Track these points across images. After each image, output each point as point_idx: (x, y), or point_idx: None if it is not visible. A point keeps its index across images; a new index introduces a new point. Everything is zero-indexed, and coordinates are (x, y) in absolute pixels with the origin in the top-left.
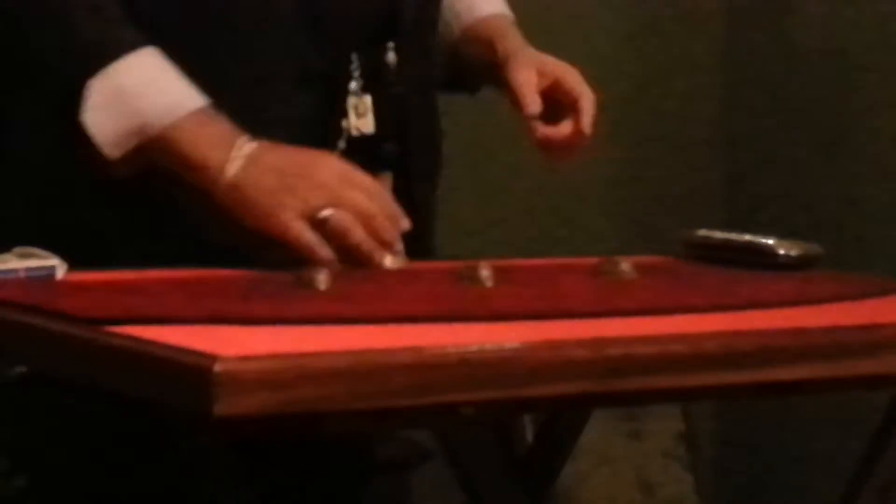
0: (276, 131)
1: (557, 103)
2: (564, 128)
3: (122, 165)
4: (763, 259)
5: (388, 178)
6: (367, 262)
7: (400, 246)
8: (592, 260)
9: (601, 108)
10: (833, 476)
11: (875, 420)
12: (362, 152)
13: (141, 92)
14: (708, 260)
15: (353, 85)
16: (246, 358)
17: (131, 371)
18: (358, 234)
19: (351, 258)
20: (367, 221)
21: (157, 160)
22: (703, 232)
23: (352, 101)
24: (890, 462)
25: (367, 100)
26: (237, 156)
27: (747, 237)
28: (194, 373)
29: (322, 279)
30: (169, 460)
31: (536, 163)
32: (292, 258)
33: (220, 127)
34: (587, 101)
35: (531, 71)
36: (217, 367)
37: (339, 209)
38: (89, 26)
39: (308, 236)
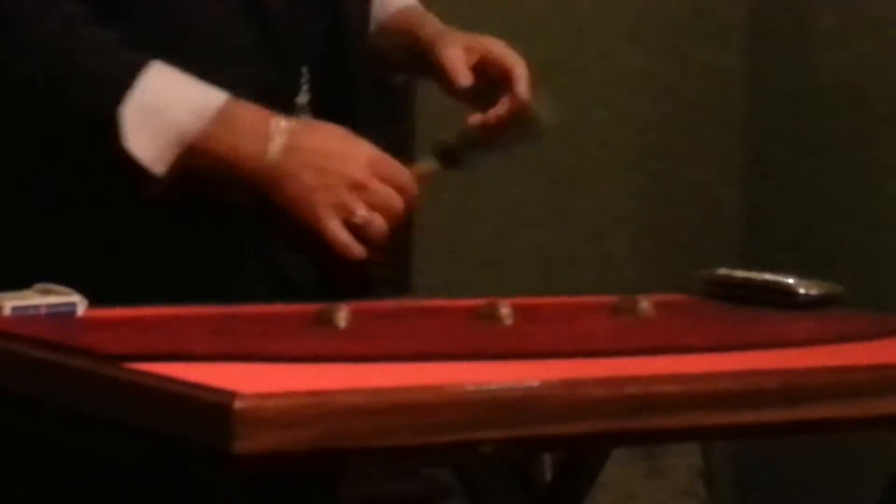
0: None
1: (489, 79)
2: (501, 106)
3: (166, 181)
4: (783, 298)
5: (421, 167)
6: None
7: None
8: (611, 298)
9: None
10: None
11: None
12: None
13: (167, 105)
14: (728, 299)
15: (301, 98)
16: (266, 395)
17: (151, 408)
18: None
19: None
20: (392, 219)
21: (199, 165)
22: (723, 271)
23: (300, 116)
24: None
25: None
26: (274, 142)
27: (767, 276)
28: (214, 410)
29: (341, 317)
30: (187, 498)
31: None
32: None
33: (252, 114)
34: (519, 67)
35: (458, 48)
36: (237, 405)
37: (374, 212)
38: (98, 60)
39: (342, 235)
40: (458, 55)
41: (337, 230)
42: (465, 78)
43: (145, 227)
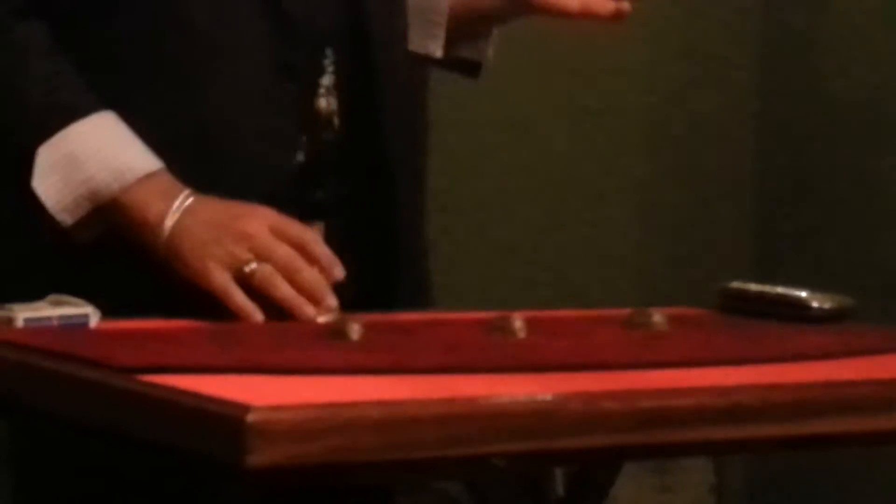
0: (255, 119)
1: None
2: None
3: (79, 230)
4: (796, 312)
5: (320, 227)
6: (294, 316)
7: (332, 300)
8: (625, 311)
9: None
10: None
11: None
12: (327, 162)
13: (92, 157)
14: (741, 312)
15: (326, 80)
16: (279, 408)
17: (164, 420)
18: (282, 289)
19: (279, 311)
20: (291, 275)
21: (109, 222)
22: (736, 284)
23: (322, 98)
24: None
25: (334, 101)
26: (176, 209)
27: (780, 290)
28: (227, 423)
29: (354, 329)
30: None
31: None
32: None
33: (166, 185)
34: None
35: None
36: (250, 418)
37: (264, 262)
38: (43, 92)
39: (232, 290)
40: None
41: (227, 284)
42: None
43: None
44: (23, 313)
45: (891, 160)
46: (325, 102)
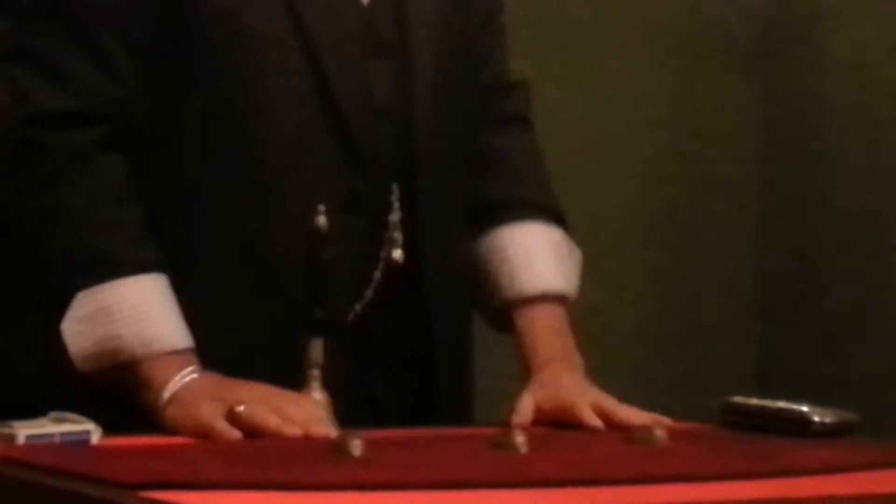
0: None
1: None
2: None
3: (93, 375)
4: (798, 427)
5: (323, 398)
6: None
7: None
8: (626, 428)
9: None
10: None
11: None
12: (399, 286)
13: (126, 318)
14: (743, 427)
15: (394, 216)
16: None
17: None
18: (270, 420)
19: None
20: (272, 419)
21: (117, 373)
22: (737, 399)
23: (391, 231)
24: None
25: (400, 233)
26: (179, 379)
27: (781, 404)
28: None
29: (356, 445)
30: None
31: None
32: None
33: (183, 362)
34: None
35: (532, 400)
36: None
37: (253, 408)
38: (98, 238)
39: (220, 423)
40: (528, 408)
41: (216, 419)
42: (519, 422)
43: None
44: (24, 430)
45: (892, 282)
46: (393, 235)
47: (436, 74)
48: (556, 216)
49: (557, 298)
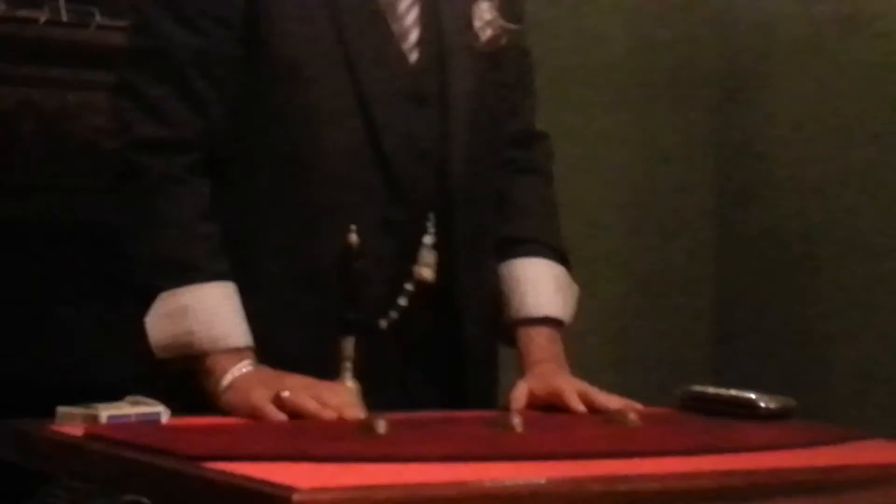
0: (365, 273)
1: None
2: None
3: (168, 361)
4: (747, 411)
5: (352, 387)
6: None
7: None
8: (604, 411)
9: None
10: None
11: None
12: (429, 300)
13: (199, 316)
14: (701, 411)
15: (427, 239)
16: (319, 490)
17: (224, 500)
18: (310, 404)
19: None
20: (313, 403)
21: (187, 361)
22: (696, 387)
23: (423, 252)
24: None
25: (434, 254)
26: (236, 371)
27: (733, 392)
28: (277, 503)
29: (381, 425)
30: None
31: None
32: None
33: (242, 357)
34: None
35: (525, 388)
36: (295, 498)
37: (298, 395)
38: (183, 248)
39: (269, 407)
40: (522, 395)
41: (265, 404)
42: (515, 406)
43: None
44: (105, 411)
45: (829, 294)
46: (426, 257)
47: (470, 122)
48: (561, 256)
49: (555, 322)
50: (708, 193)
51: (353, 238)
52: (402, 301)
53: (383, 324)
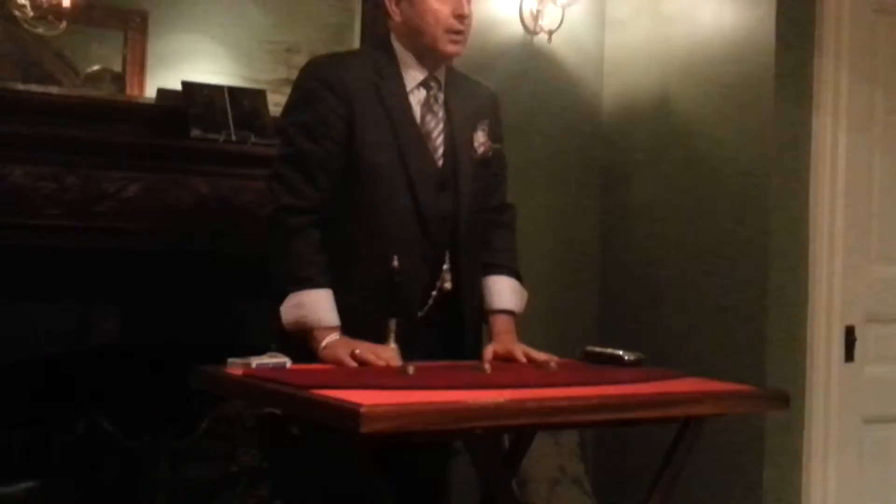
0: (409, 287)
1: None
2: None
3: (292, 333)
4: (617, 360)
5: (394, 347)
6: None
7: (397, 361)
8: (537, 361)
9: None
10: (653, 464)
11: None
12: (446, 300)
13: (309, 307)
14: (592, 361)
15: (445, 266)
16: (375, 405)
17: (324, 412)
18: (370, 356)
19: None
20: (374, 357)
21: (303, 333)
22: (588, 347)
23: (444, 273)
24: (677, 462)
25: (450, 274)
26: (330, 339)
27: (609, 350)
28: (352, 412)
29: (411, 368)
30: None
31: None
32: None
33: (333, 331)
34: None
35: (491, 349)
36: (361, 410)
37: (364, 352)
38: (305, 269)
39: (347, 359)
40: (489, 352)
41: (345, 357)
42: (486, 358)
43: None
44: (254, 360)
45: (663, 285)
46: (444, 276)
47: (471, 199)
48: (517, 274)
49: (511, 312)
50: (595, 231)
51: (396, 263)
52: (431, 301)
53: (420, 314)
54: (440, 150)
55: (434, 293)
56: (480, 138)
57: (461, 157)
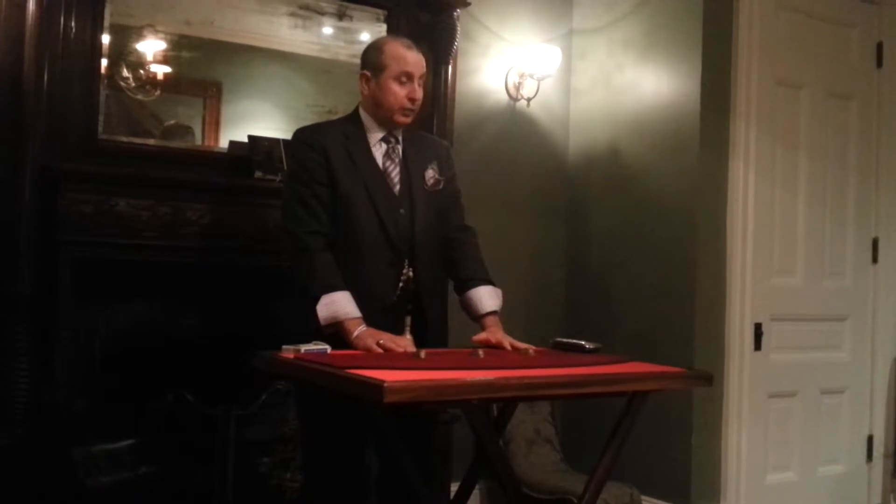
0: (380, 283)
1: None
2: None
3: (326, 328)
4: (581, 348)
5: (410, 338)
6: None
7: (411, 349)
8: (519, 349)
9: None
10: (607, 428)
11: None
12: (409, 292)
13: (338, 304)
14: (561, 349)
15: (407, 271)
16: (396, 381)
17: (355, 386)
18: (391, 346)
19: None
20: (395, 345)
21: (336, 326)
22: (558, 339)
23: (405, 273)
24: (625, 427)
25: (410, 271)
26: (357, 330)
27: (574, 340)
28: (378, 387)
29: (422, 354)
30: (366, 415)
31: None
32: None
33: (359, 322)
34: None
35: (483, 336)
36: (386, 385)
37: (387, 341)
38: (328, 278)
39: (374, 346)
40: (481, 339)
41: (372, 346)
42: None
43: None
44: (302, 347)
45: (616, 290)
46: (407, 275)
47: (425, 219)
48: (489, 280)
49: (495, 312)
50: (562, 249)
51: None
52: (398, 291)
53: (393, 298)
54: (397, 183)
55: (401, 284)
56: (430, 174)
57: (415, 187)
